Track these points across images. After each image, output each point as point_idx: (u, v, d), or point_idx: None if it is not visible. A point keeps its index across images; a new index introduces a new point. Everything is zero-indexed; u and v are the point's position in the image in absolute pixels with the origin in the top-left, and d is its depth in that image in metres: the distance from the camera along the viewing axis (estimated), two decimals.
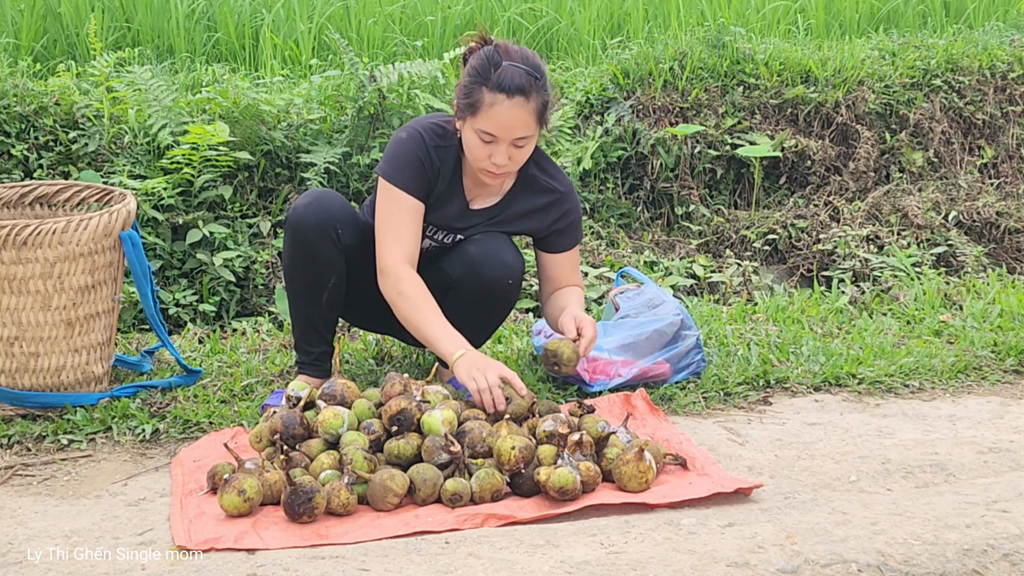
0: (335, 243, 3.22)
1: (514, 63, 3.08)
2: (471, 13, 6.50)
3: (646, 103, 5.27)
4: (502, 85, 3.04)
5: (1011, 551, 2.44)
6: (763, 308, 4.27)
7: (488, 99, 3.05)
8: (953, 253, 4.98)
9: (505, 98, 3.04)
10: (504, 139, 3.08)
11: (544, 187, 3.32)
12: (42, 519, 2.74)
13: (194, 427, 3.24)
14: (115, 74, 4.86)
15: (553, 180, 3.34)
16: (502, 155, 3.09)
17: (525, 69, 3.07)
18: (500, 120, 3.05)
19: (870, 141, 5.41)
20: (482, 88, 3.06)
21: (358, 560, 2.43)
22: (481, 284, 3.24)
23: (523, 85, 3.05)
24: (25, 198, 3.60)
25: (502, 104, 3.04)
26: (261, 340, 3.90)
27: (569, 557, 2.41)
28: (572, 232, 3.38)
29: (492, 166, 3.11)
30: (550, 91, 3.14)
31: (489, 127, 3.06)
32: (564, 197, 3.34)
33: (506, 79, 3.04)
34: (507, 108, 3.05)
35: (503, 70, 3.06)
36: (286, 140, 4.62)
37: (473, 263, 3.24)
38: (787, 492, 2.85)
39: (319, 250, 3.21)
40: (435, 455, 2.81)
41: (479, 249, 3.25)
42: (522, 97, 3.05)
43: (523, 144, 3.11)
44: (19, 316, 3.27)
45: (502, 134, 3.07)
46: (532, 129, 3.10)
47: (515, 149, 3.11)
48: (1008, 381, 3.69)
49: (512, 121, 3.06)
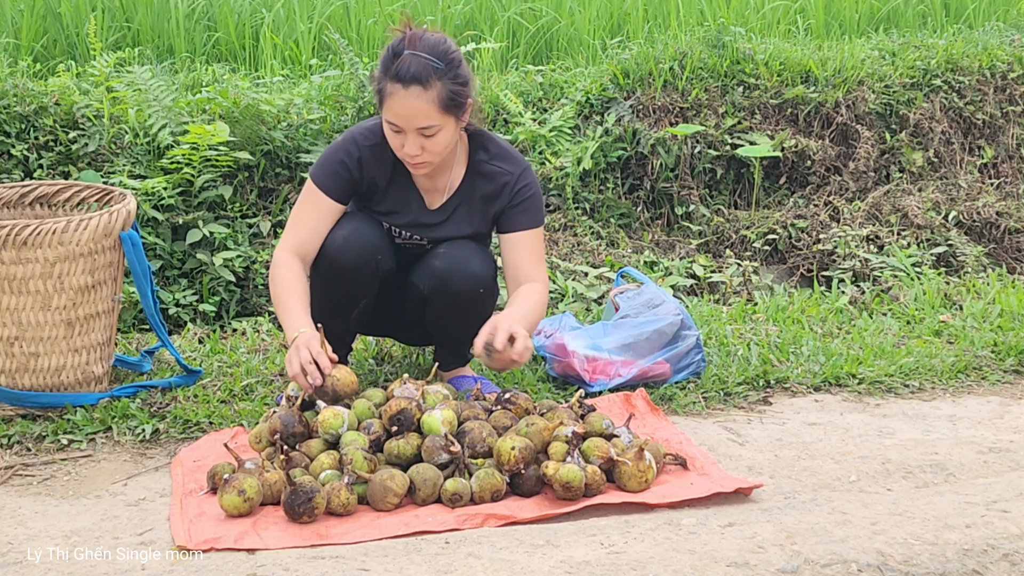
0: (375, 272, 3.23)
1: (415, 52, 3.04)
2: (471, 13, 6.50)
3: (646, 103, 5.27)
4: (399, 75, 3.02)
5: (1011, 551, 2.44)
6: (763, 308, 4.27)
7: (389, 89, 3.05)
8: (953, 253, 4.98)
9: (401, 88, 3.02)
10: (408, 129, 3.06)
11: (494, 171, 3.26)
12: (42, 519, 2.74)
13: (194, 427, 3.25)
14: (115, 74, 4.86)
15: (503, 163, 3.27)
16: (412, 145, 3.08)
17: (426, 58, 3.03)
18: (399, 110, 3.04)
19: (870, 141, 5.41)
20: (385, 78, 3.06)
21: (358, 560, 2.43)
22: (452, 297, 3.23)
23: (419, 74, 3.01)
24: (25, 198, 3.60)
25: (399, 94, 3.03)
26: (261, 340, 3.90)
27: (569, 557, 2.41)
28: (530, 210, 3.28)
29: (407, 156, 3.11)
30: (464, 80, 3.09)
31: (391, 117, 3.07)
32: (518, 176, 3.27)
33: (403, 69, 3.02)
34: (403, 98, 3.02)
35: (402, 59, 3.03)
36: (286, 140, 4.62)
37: (441, 277, 3.22)
38: (787, 492, 2.85)
39: (358, 279, 3.23)
40: (435, 455, 2.82)
41: (445, 263, 3.23)
42: (418, 87, 3.02)
43: (432, 134, 3.07)
44: (19, 316, 3.27)
45: (404, 124, 3.06)
46: (435, 119, 3.06)
47: (425, 139, 3.08)
48: (1008, 381, 3.69)
49: (410, 111, 3.03)
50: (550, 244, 4.77)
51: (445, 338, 3.40)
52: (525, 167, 3.30)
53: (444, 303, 3.24)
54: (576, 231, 4.88)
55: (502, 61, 6.20)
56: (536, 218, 3.29)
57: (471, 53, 5.95)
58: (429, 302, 3.27)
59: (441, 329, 3.36)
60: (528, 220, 3.28)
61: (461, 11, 6.43)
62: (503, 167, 3.27)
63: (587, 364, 3.49)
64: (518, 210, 3.27)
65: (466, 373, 3.46)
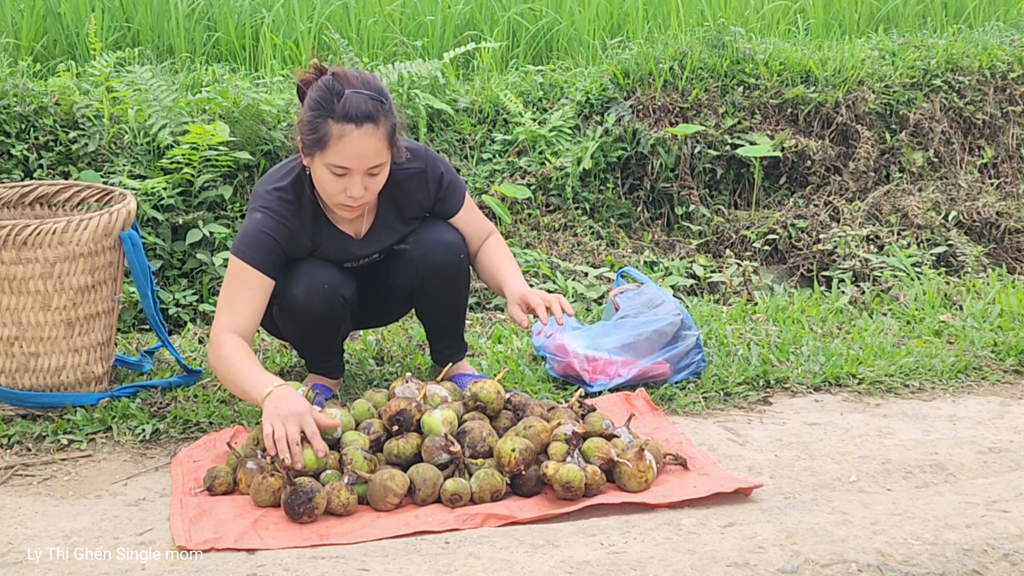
0: (343, 306, 3.23)
1: (356, 90, 2.95)
2: (471, 13, 6.50)
3: (646, 103, 5.27)
4: (349, 115, 2.92)
5: (1011, 551, 2.44)
6: (763, 308, 4.27)
7: (336, 131, 2.92)
8: (953, 253, 4.98)
9: (354, 128, 2.92)
10: (358, 170, 2.96)
11: (405, 175, 3.19)
12: (42, 519, 2.74)
13: (194, 427, 3.25)
14: (115, 74, 4.85)
15: (410, 163, 3.20)
16: (357, 187, 2.98)
17: (369, 94, 2.95)
18: (351, 151, 2.93)
19: (870, 141, 5.41)
20: (327, 120, 2.93)
21: (358, 560, 2.43)
22: (439, 272, 3.25)
23: (371, 111, 2.93)
24: (25, 198, 3.60)
25: (352, 135, 2.92)
26: (261, 340, 3.90)
27: (569, 557, 2.41)
28: (454, 191, 3.28)
29: (349, 199, 3.00)
30: (395, 113, 3.03)
31: (341, 160, 2.94)
32: (428, 168, 3.23)
33: (352, 108, 2.92)
34: (357, 138, 2.92)
35: (347, 99, 2.93)
36: (286, 140, 4.62)
37: (421, 260, 3.24)
38: (787, 492, 2.85)
39: (329, 318, 3.23)
40: (435, 455, 2.82)
41: (421, 251, 3.24)
42: (371, 124, 2.94)
43: (377, 172, 3.01)
44: (19, 316, 3.27)
45: (355, 164, 2.95)
46: (385, 156, 3.00)
47: (370, 178, 3.00)
48: (1008, 381, 3.69)
49: (364, 150, 2.94)
50: (550, 244, 4.77)
51: (440, 324, 3.41)
52: (425, 153, 3.25)
53: (432, 281, 3.26)
54: (576, 231, 4.88)
55: (502, 61, 6.20)
56: (462, 190, 3.32)
57: (471, 53, 5.96)
58: (418, 292, 3.30)
59: (432, 310, 3.37)
60: (459, 197, 3.31)
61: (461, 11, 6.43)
62: (411, 167, 3.20)
63: (587, 364, 3.49)
64: (446, 198, 3.28)
65: (467, 371, 3.47)
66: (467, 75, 5.83)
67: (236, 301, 3.04)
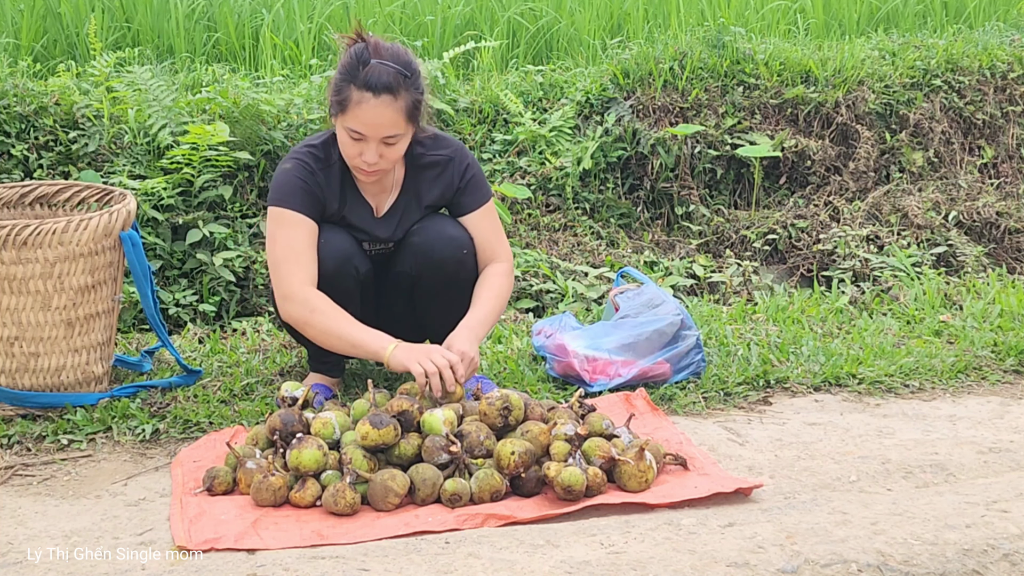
0: (354, 276, 3.23)
1: (383, 61, 3.05)
2: (471, 13, 6.50)
3: (646, 103, 5.27)
4: (369, 83, 3.02)
5: (1011, 551, 2.44)
6: (763, 308, 4.27)
7: (356, 97, 3.03)
8: (953, 253, 4.98)
9: (372, 96, 3.02)
10: (372, 137, 3.06)
11: (432, 160, 3.29)
12: (42, 519, 2.74)
13: (194, 427, 3.25)
14: (115, 74, 4.86)
15: (439, 150, 3.30)
16: (372, 153, 3.08)
17: (394, 67, 3.05)
18: (367, 118, 3.03)
19: (870, 141, 5.41)
20: (350, 86, 3.04)
21: (358, 560, 2.43)
22: (438, 266, 3.25)
23: (390, 83, 3.03)
24: (25, 198, 3.60)
25: (369, 103, 3.02)
26: (261, 340, 3.90)
27: (569, 557, 2.41)
28: (476, 188, 3.33)
29: (364, 164, 3.11)
30: (423, 89, 3.11)
31: (356, 125, 3.05)
32: (456, 159, 3.30)
33: (373, 77, 3.02)
34: (373, 107, 3.02)
35: (371, 68, 3.03)
36: (286, 140, 4.62)
37: (423, 251, 3.25)
38: (787, 492, 2.85)
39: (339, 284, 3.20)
40: (435, 455, 2.82)
41: (422, 238, 3.26)
42: (389, 96, 3.03)
43: (393, 142, 3.09)
44: (19, 316, 3.27)
45: (370, 132, 3.05)
46: (401, 128, 3.08)
47: (386, 147, 3.09)
48: (1008, 381, 3.69)
49: (379, 119, 3.04)
50: (550, 244, 4.77)
51: (440, 322, 3.40)
52: (459, 147, 3.33)
53: (433, 273, 3.26)
54: (576, 231, 4.88)
55: (502, 61, 6.20)
56: (485, 192, 3.35)
57: (471, 53, 5.96)
58: (418, 283, 3.29)
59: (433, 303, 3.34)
60: (479, 197, 3.33)
61: (461, 11, 6.43)
62: (440, 153, 3.30)
63: (587, 364, 3.49)
64: (466, 191, 3.32)
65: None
66: (467, 75, 5.83)
67: (294, 251, 3.13)
